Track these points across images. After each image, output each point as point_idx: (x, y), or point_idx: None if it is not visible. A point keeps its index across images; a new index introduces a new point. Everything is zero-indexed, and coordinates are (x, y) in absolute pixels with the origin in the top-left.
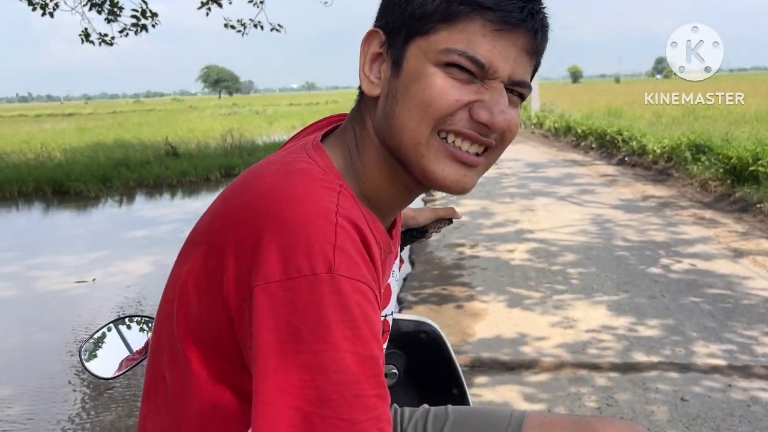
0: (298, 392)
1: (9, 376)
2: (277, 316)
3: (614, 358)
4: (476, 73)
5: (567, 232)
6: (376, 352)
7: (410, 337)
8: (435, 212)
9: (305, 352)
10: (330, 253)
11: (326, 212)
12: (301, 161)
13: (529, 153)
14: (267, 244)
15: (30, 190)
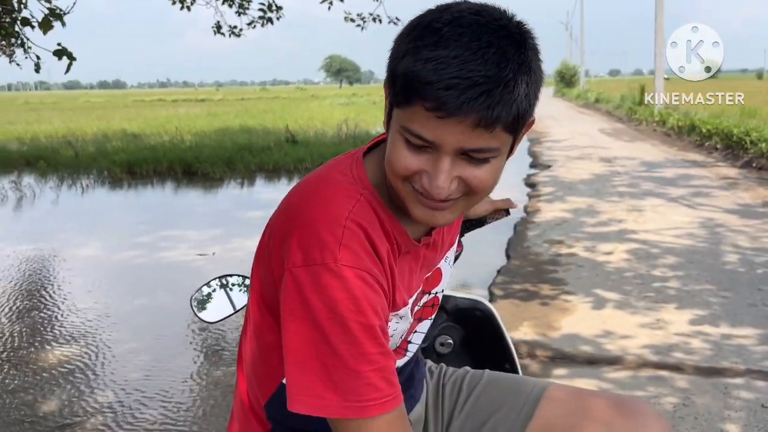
0: (316, 347)
1: (137, 332)
2: (299, 292)
3: (699, 362)
4: (427, 144)
5: (672, 235)
6: (374, 321)
7: (466, 313)
8: (492, 204)
9: (319, 319)
10: (336, 248)
11: (338, 217)
12: (336, 172)
13: (647, 151)
14: (293, 238)
15: (163, 170)
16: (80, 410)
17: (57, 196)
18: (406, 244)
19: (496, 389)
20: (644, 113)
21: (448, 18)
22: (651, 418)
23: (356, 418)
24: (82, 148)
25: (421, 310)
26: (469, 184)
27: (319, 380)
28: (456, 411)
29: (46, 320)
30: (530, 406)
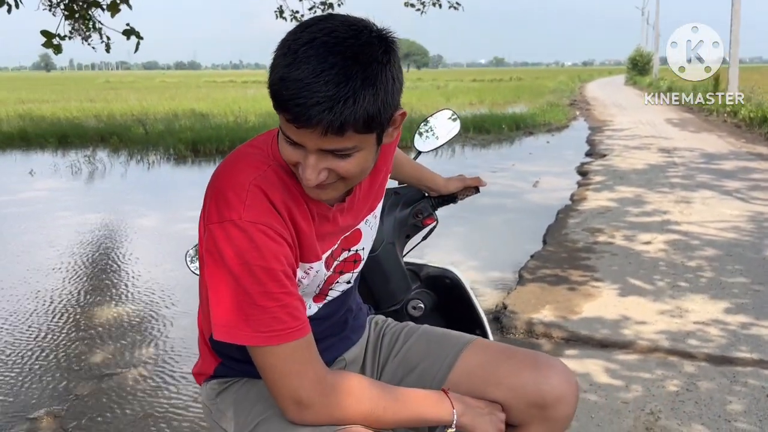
0: (230, 288)
1: (184, 297)
2: (214, 243)
3: (712, 351)
4: (299, 144)
5: (716, 228)
6: (276, 266)
7: (436, 281)
8: (463, 181)
9: (230, 265)
10: (241, 208)
11: (243, 182)
12: (252, 147)
13: (711, 143)
14: (210, 200)
15: (225, 149)
16: (123, 363)
17: (126, 171)
18: (319, 209)
19: (427, 341)
20: (715, 103)
21: (304, 39)
22: (557, 372)
23: (265, 345)
24: (151, 126)
25: (342, 264)
26: (338, 173)
27: (234, 315)
28: (390, 357)
29: (105, 282)
30: (453, 356)
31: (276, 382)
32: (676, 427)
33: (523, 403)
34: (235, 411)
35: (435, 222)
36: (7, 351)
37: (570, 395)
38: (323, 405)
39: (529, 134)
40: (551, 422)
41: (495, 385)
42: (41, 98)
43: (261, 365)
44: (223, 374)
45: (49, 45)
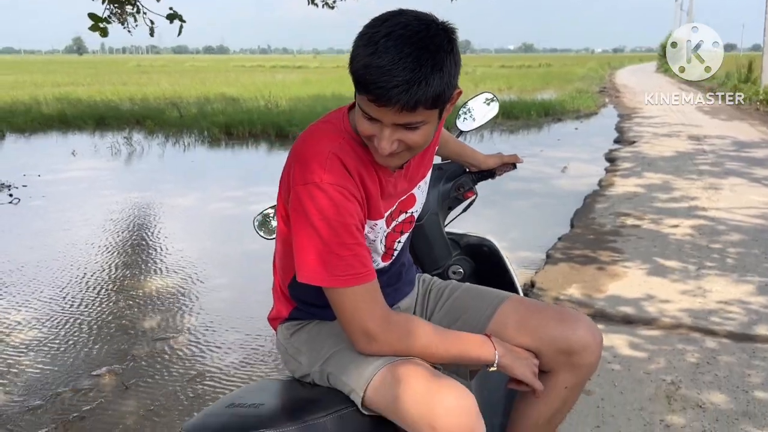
0: (311, 239)
1: (225, 271)
2: (300, 202)
3: (733, 328)
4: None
5: (744, 214)
6: (350, 221)
7: (475, 249)
8: (501, 157)
9: (313, 222)
10: (322, 172)
11: (324, 151)
12: (326, 123)
13: (743, 131)
14: (296, 167)
15: (258, 132)
16: (173, 329)
17: (162, 152)
18: (383, 174)
19: (469, 295)
20: (749, 91)
21: (383, 32)
22: (583, 325)
23: (340, 286)
24: (185, 110)
25: (401, 225)
26: (406, 143)
27: (315, 262)
28: (437, 309)
29: (148, 256)
30: (492, 309)
31: (348, 318)
32: (695, 395)
33: (552, 351)
34: (309, 347)
35: (474, 195)
36: (69, 317)
37: (594, 344)
38: (387, 338)
39: (557, 121)
40: (577, 368)
41: (528, 335)
42: (76, 81)
43: (336, 304)
44: (296, 317)
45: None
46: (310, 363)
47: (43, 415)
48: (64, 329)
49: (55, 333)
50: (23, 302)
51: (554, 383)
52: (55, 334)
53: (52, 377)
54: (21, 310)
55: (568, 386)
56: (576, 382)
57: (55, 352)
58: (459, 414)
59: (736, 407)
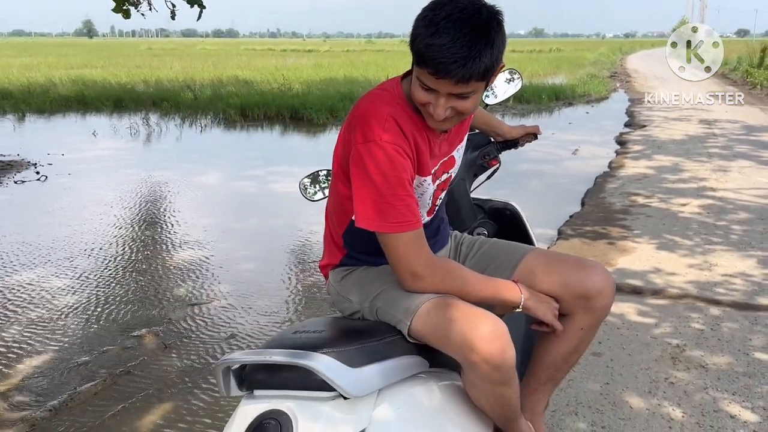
0: (369, 189)
1: (248, 244)
2: (360, 158)
3: (737, 298)
4: (432, 89)
5: (751, 194)
6: (404, 175)
7: (498, 212)
8: (524, 128)
9: (372, 175)
10: (381, 132)
11: (383, 114)
12: (383, 90)
13: (754, 116)
14: (357, 127)
15: (272, 114)
16: (205, 295)
17: (180, 133)
18: (432, 134)
19: (496, 248)
20: (760, 76)
21: (443, 15)
22: (598, 272)
23: (392, 232)
24: (199, 92)
25: (442, 183)
26: (457, 109)
27: (371, 210)
28: (468, 259)
29: (176, 230)
30: (517, 259)
31: (398, 260)
32: (699, 357)
33: (571, 295)
34: (359, 287)
35: (498, 164)
36: (106, 285)
37: (608, 289)
38: (431, 278)
39: (568, 105)
40: (592, 311)
41: (549, 282)
42: (89, 63)
43: (387, 248)
44: (346, 264)
45: (119, 10)
46: (360, 301)
47: (91, 369)
48: (102, 295)
49: (95, 299)
50: (61, 272)
51: (572, 324)
52: (95, 300)
53: (96, 337)
54: (61, 278)
55: (584, 327)
56: (591, 324)
57: (97, 315)
58: (494, 338)
59: (738, 367)
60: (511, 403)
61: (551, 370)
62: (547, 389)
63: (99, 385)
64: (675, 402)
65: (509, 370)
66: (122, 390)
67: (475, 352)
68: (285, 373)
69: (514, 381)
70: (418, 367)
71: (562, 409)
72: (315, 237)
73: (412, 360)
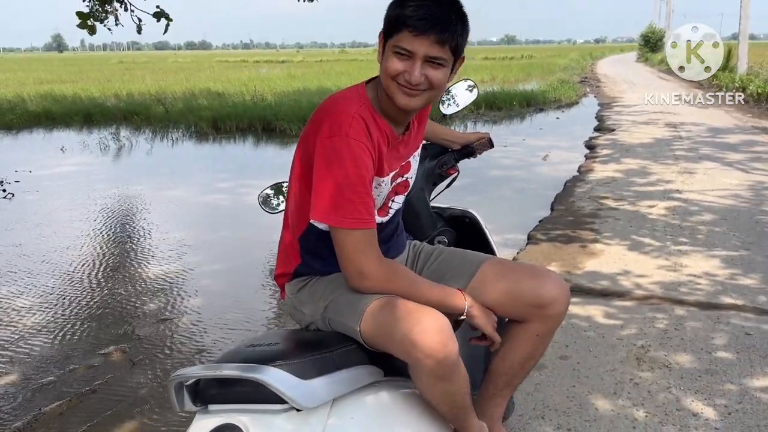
0: (330, 186)
1: (219, 258)
2: (325, 152)
3: (701, 298)
4: (408, 54)
5: (716, 195)
6: (365, 173)
7: (457, 220)
8: (476, 134)
9: (334, 169)
10: (348, 129)
11: (351, 112)
12: (349, 92)
13: (718, 118)
14: (325, 123)
15: (245, 126)
16: (175, 310)
17: (151, 147)
18: (392, 137)
19: (453, 257)
20: (725, 79)
21: None
22: (552, 280)
23: (346, 227)
24: (171, 105)
25: (397, 186)
26: (430, 81)
27: (328, 202)
28: (425, 268)
29: (146, 245)
30: (474, 268)
31: (347, 256)
32: (663, 357)
33: (525, 303)
34: (310, 299)
35: (456, 172)
36: (73, 302)
37: (562, 296)
38: (379, 278)
39: (539, 111)
40: (547, 318)
41: (504, 290)
42: (59, 78)
43: (339, 243)
44: (301, 273)
45: (84, 26)
46: (312, 313)
47: (57, 389)
48: (69, 313)
49: (61, 317)
50: (26, 289)
51: (527, 331)
52: (61, 318)
53: (62, 356)
54: (27, 296)
55: (539, 334)
56: (546, 331)
57: (63, 333)
58: (435, 332)
59: (700, 366)
60: (456, 399)
61: (508, 376)
62: (504, 394)
63: (64, 405)
64: (639, 402)
65: (452, 365)
66: (88, 409)
67: (417, 347)
68: (238, 387)
69: (458, 376)
70: (372, 377)
71: (529, 413)
72: None
73: (366, 370)
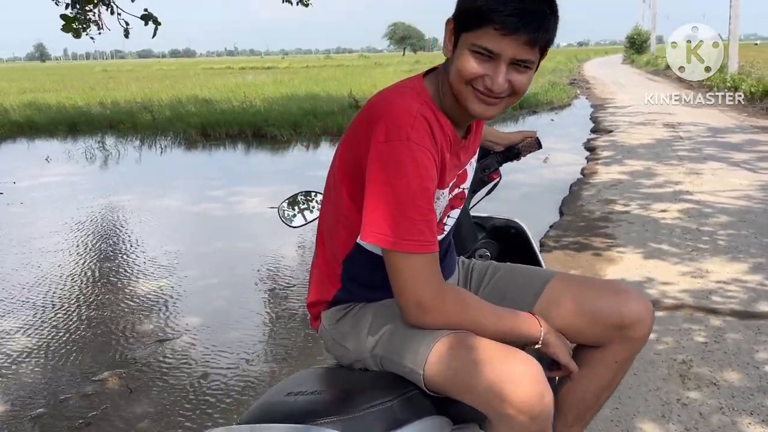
0: (387, 200)
1: (216, 271)
2: (380, 160)
3: (736, 306)
4: (490, 56)
5: (728, 196)
6: (429, 185)
7: (502, 231)
8: (522, 133)
9: (392, 180)
10: (410, 130)
11: (411, 110)
12: (405, 86)
13: (715, 117)
14: (379, 124)
15: (235, 132)
16: (172, 330)
17: (139, 155)
18: (455, 141)
19: (513, 274)
20: (716, 79)
21: None
22: (635, 298)
23: (406, 251)
24: (158, 113)
25: (453, 200)
26: (513, 86)
27: (384, 222)
28: (481, 288)
29: (138, 258)
30: (540, 285)
31: (406, 285)
32: (709, 373)
33: (605, 325)
34: (356, 331)
35: (499, 177)
36: (64, 323)
37: (647, 317)
38: (440, 310)
39: (532, 113)
40: (629, 342)
41: (579, 311)
42: (42, 87)
43: (395, 270)
44: (342, 299)
45: (69, 29)
46: (358, 348)
47: (48, 421)
48: (59, 337)
49: (50, 341)
50: (12, 311)
51: (604, 357)
52: (51, 343)
53: (53, 385)
54: (13, 317)
55: (618, 360)
56: (627, 356)
57: (53, 359)
58: (529, 381)
59: (750, 383)
60: None
61: (580, 409)
62: (574, 431)
63: None
64: (692, 426)
65: (547, 419)
66: None
67: (508, 401)
68: None
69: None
70: (441, 429)
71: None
72: (286, 261)
73: (434, 422)
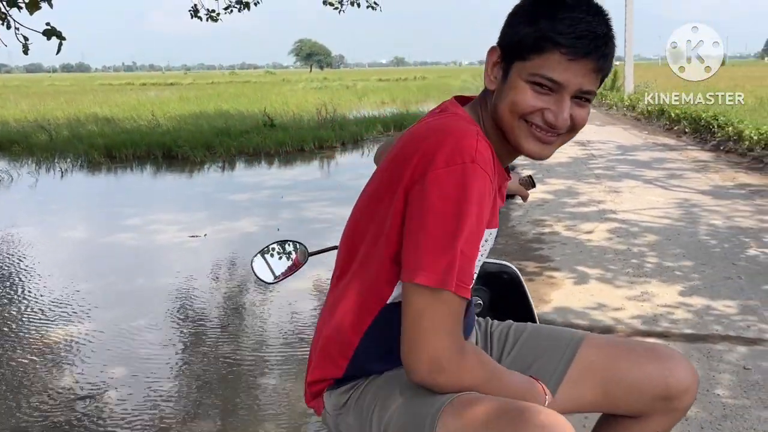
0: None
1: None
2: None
3: (684, 330)
4: (553, 87)
5: (650, 215)
6: (484, 218)
7: (494, 277)
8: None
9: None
10: (474, 153)
11: (472, 134)
12: (450, 112)
13: (620, 135)
14: (441, 149)
15: (143, 154)
16: (95, 384)
17: (36, 180)
18: (502, 178)
19: (539, 338)
20: (614, 98)
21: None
22: (681, 364)
23: (447, 289)
24: (55, 132)
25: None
26: (574, 121)
27: (438, 256)
28: (503, 354)
29: (46, 303)
30: (571, 351)
31: (425, 334)
32: None
33: (648, 396)
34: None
35: None
36: None
37: (694, 386)
38: (456, 372)
39: None
40: (674, 412)
41: (617, 379)
42: None
43: (417, 313)
44: (352, 375)
45: None
46: None
47: None
48: None
49: None
50: None
51: (642, 429)
52: None
53: None
54: None
55: (659, 431)
56: (668, 426)
57: None
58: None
59: (716, 412)
60: None
61: None
62: None
63: None
64: None
65: None
66: None
67: None
68: None
69: None
70: None
71: None
72: (218, 296)
73: None
